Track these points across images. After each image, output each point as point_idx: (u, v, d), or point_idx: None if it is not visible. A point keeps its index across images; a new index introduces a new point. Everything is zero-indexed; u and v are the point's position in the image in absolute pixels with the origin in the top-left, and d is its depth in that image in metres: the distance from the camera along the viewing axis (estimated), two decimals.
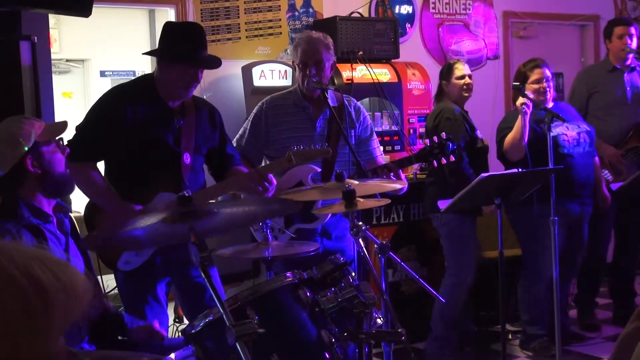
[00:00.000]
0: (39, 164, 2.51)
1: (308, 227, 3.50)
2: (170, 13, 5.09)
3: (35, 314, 0.98)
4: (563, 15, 6.61)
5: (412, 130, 5.14)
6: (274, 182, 3.14)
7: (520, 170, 3.70)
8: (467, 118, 4.38)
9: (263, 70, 4.94)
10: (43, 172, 2.52)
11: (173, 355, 2.23)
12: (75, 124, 3.10)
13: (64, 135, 2.73)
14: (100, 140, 3.04)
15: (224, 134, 3.30)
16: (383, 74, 5.00)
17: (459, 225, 4.31)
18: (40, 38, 3.53)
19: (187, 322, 3.45)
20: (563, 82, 6.56)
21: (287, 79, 4.98)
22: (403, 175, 3.45)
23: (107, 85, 6.42)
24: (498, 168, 4.36)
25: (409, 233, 4.86)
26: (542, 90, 4.31)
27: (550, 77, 4.37)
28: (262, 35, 5.30)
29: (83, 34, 6.49)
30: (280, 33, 5.37)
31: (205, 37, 3.13)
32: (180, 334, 2.53)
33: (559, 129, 4.31)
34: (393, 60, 5.20)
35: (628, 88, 4.98)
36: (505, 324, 3.72)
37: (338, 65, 4.64)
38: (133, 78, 4.31)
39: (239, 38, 5.23)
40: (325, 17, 5.38)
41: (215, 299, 1.98)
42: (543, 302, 4.39)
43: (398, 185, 3.06)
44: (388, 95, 4.91)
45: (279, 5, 5.37)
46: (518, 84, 4.26)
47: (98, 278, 2.88)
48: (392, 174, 3.34)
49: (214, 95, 4.82)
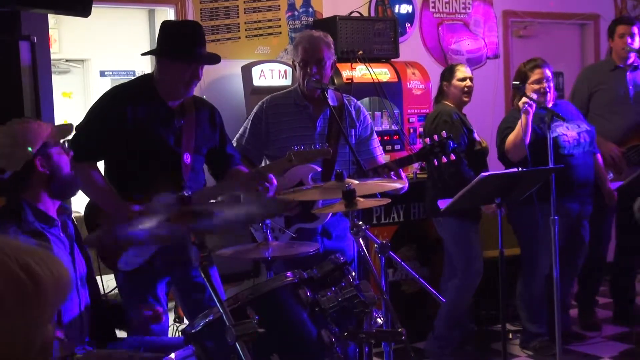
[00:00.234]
0: (48, 165, 2.52)
1: (308, 226, 3.50)
2: (170, 13, 5.09)
3: (31, 302, 1.08)
4: (563, 15, 6.61)
5: (412, 130, 5.13)
6: (274, 182, 3.14)
7: (520, 170, 3.70)
8: (464, 121, 4.37)
9: (263, 70, 4.94)
10: (51, 173, 2.52)
11: (173, 355, 2.23)
12: (76, 124, 3.10)
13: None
14: (100, 140, 3.04)
15: (224, 134, 3.30)
16: (383, 74, 5.00)
17: (460, 228, 4.31)
18: (40, 38, 3.53)
19: (187, 321, 3.45)
20: (563, 81, 6.56)
21: (286, 79, 4.98)
22: (404, 175, 3.45)
23: (107, 85, 6.42)
24: (498, 169, 4.35)
25: (409, 233, 4.85)
26: (542, 91, 4.30)
27: (551, 77, 4.37)
28: (261, 35, 5.30)
29: (83, 34, 6.49)
30: (280, 33, 5.37)
31: (204, 34, 3.13)
32: (181, 334, 2.53)
33: (559, 130, 4.30)
34: (393, 60, 5.20)
35: (630, 87, 4.98)
36: (506, 323, 3.72)
37: (338, 65, 4.64)
38: (133, 78, 4.30)
39: (239, 38, 5.23)
40: (325, 16, 5.38)
41: (215, 299, 1.97)
42: (541, 300, 4.40)
43: (398, 185, 3.05)
44: (388, 95, 4.91)
45: (279, 5, 5.36)
46: (518, 83, 4.25)
47: (98, 278, 2.88)
48: (392, 173, 3.34)
49: (214, 95, 4.82)
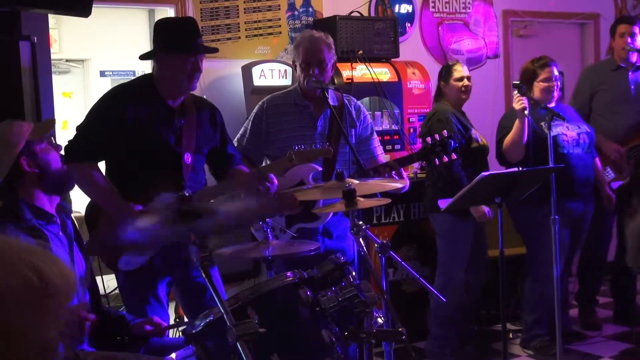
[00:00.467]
0: (35, 163, 2.52)
1: (309, 226, 3.50)
2: (170, 13, 5.08)
3: (42, 303, 1.06)
4: (563, 14, 6.61)
5: (412, 130, 5.13)
6: (275, 182, 3.14)
7: (520, 169, 3.70)
8: (460, 119, 4.34)
9: (263, 70, 4.93)
10: (40, 171, 2.53)
11: (174, 355, 2.23)
12: (76, 124, 3.10)
13: (65, 136, 2.73)
14: (101, 140, 3.04)
15: (225, 134, 3.30)
16: (383, 73, 5.00)
17: (453, 224, 4.29)
18: (40, 38, 3.53)
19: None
20: (563, 81, 6.54)
21: (287, 79, 4.97)
22: (405, 174, 3.45)
23: (107, 85, 6.42)
24: (498, 168, 4.35)
25: (410, 232, 4.85)
26: (550, 89, 4.31)
27: (558, 75, 4.38)
28: (261, 35, 5.30)
29: (83, 34, 6.49)
30: (280, 32, 5.37)
31: (198, 27, 3.14)
32: (181, 334, 2.53)
33: (559, 129, 4.30)
34: (393, 60, 5.19)
35: (632, 87, 4.98)
36: (506, 323, 3.72)
37: (338, 65, 4.64)
38: (133, 78, 4.30)
39: (239, 38, 5.22)
40: (325, 16, 5.38)
41: (216, 299, 1.97)
42: (547, 302, 4.37)
43: (399, 185, 3.05)
44: (388, 95, 4.91)
45: (279, 5, 5.36)
46: (518, 83, 4.25)
47: (98, 279, 2.88)
48: (393, 172, 3.33)
49: (214, 95, 4.82)
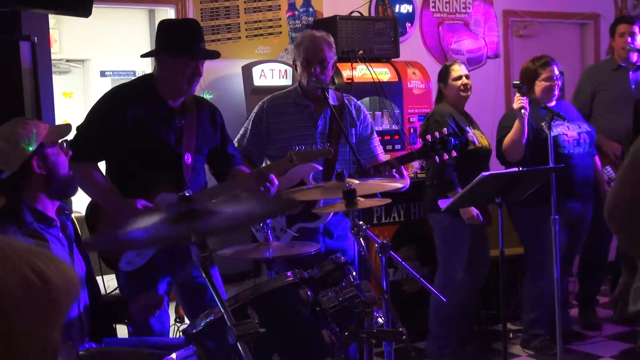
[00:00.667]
0: (45, 166, 2.51)
1: (310, 225, 3.50)
2: (170, 13, 5.08)
3: (44, 305, 1.03)
4: (563, 14, 6.61)
5: (412, 130, 5.13)
6: (276, 182, 3.14)
7: (520, 169, 3.70)
8: (458, 120, 4.29)
9: (263, 70, 4.93)
10: (48, 173, 2.51)
11: (174, 355, 2.23)
12: (76, 124, 3.10)
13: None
14: (101, 140, 3.04)
15: (225, 134, 3.30)
16: (383, 73, 5.00)
17: (452, 224, 4.28)
18: (40, 38, 3.52)
19: (188, 321, 3.45)
20: (563, 80, 6.55)
21: (287, 79, 4.97)
22: (405, 172, 3.45)
23: (107, 85, 6.42)
24: (500, 168, 4.34)
25: (410, 232, 4.85)
26: (552, 88, 4.32)
27: (559, 75, 4.38)
28: (262, 35, 5.30)
29: (83, 34, 6.49)
30: (281, 32, 5.37)
31: (202, 30, 3.14)
32: (182, 334, 2.53)
33: (560, 129, 4.30)
34: (393, 60, 5.19)
35: (633, 86, 4.98)
36: (506, 323, 3.72)
37: (338, 65, 4.64)
38: (133, 78, 4.30)
39: (239, 38, 5.22)
40: (325, 16, 5.38)
41: (216, 299, 1.97)
42: (547, 301, 4.37)
43: (399, 185, 3.05)
44: (388, 95, 4.91)
45: (279, 5, 5.36)
46: (519, 82, 4.24)
47: (98, 278, 2.88)
48: (394, 171, 3.34)
49: (215, 95, 4.82)
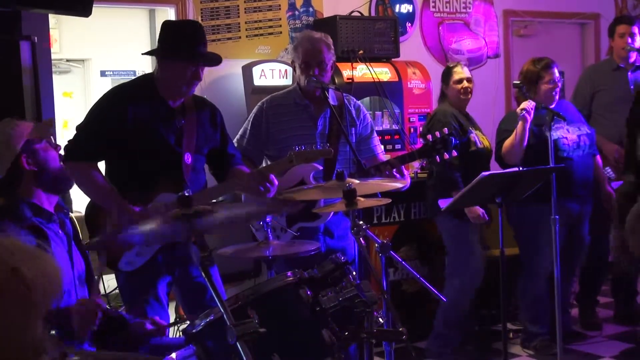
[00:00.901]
0: (34, 161, 2.58)
1: (310, 225, 3.50)
2: (171, 13, 5.09)
3: (22, 305, 1.06)
4: (563, 14, 6.61)
5: (412, 129, 5.13)
6: (276, 182, 3.13)
7: (521, 169, 3.69)
8: (460, 121, 4.31)
9: (263, 70, 4.93)
10: (39, 168, 2.58)
11: (174, 355, 2.23)
12: (76, 124, 3.10)
13: (65, 135, 2.74)
14: (101, 140, 3.03)
15: (225, 134, 3.29)
16: (383, 73, 5.00)
17: (459, 227, 4.30)
18: (40, 38, 3.53)
19: (188, 321, 3.45)
20: (563, 80, 6.55)
21: (287, 78, 4.97)
22: (406, 172, 3.45)
23: (107, 85, 6.42)
24: (498, 169, 4.34)
25: (410, 232, 4.85)
26: (554, 91, 4.31)
27: (559, 76, 4.37)
28: (262, 35, 5.30)
29: (83, 34, 6.48)
30: (281, 32, 5.37)
31: (205, 34, 3.13)
32: (181, 334, 2.53)
33: (560, 132, 4.28)
34: (393, 59, 5.20)
35: (632, 87, 4.97)
36: (507, 323, 3.72)
37: (338, 65, 4.64)
38: (133, 78, 4.30)
39: (239, 37, 5.23)
40: (326, 16, 5.39)
41: (216, 299, 1.97)
42: (542, 300, 4.38)
43: (399, 184, 3.05)
44: (388, 94, 4.91)
45: (279, 5, 5.36)
46: (519, 83, 4.23)
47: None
48: (395, 171, 3.33)
49: (215, 95, 4.82)
